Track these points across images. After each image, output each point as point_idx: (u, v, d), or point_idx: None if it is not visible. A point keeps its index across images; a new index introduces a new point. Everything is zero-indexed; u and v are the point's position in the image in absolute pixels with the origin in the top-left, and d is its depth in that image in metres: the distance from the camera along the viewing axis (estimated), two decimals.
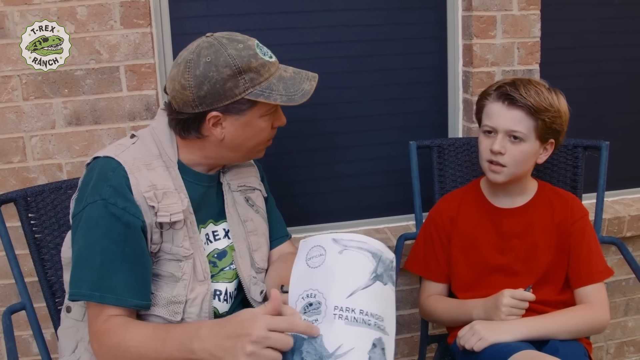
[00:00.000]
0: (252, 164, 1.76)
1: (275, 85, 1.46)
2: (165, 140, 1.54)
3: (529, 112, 1.71)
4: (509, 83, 1.76)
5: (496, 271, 1.85)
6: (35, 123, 2.02)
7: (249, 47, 1.45)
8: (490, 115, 1.78)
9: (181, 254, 1.48)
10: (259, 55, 1.45)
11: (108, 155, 1.47)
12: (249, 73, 1.43)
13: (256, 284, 1.64)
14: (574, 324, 1.74)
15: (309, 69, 1.58)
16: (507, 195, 1.88)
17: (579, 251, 1.82)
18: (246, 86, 1.43)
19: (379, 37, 2.34)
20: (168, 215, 1.45)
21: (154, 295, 1.47)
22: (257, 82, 1.44)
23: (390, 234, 2.41)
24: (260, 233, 1.69)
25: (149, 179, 1.46)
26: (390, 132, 2.42)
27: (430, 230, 1.96)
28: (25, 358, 2.19)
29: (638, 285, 2.69)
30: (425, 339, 2.15)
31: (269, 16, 2.23)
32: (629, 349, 2.80)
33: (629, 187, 2.73)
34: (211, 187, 1.61)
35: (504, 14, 2.29)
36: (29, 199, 1.76)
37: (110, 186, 1.42)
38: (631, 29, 2.58)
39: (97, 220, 1.40)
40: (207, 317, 1.52)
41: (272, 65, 1.48)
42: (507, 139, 1.75)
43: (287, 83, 1.49)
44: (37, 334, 1.76)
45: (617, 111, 2.64)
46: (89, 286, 1.39)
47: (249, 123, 1.49)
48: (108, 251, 1.40)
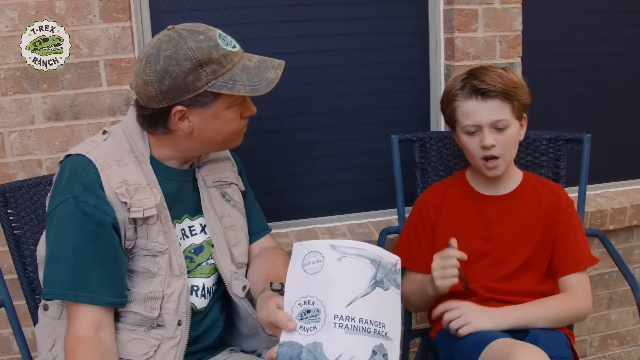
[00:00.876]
0: (228, 157, 1.75)
1: (238, 76, 1.44)
2: (136, 136, 1.53)
3: (504, 97, 1.73)
4: (469, 77, 1.77)
5: (482, 259, 1.85)
6: (14, 118, 2.00)
7: (210, 38, 1.43)
8: (468, 114, 1.77)
9: (156, 249, 1.47)
10: (220, 46, 1.43)
11: (79, 152, 1.47)
12: (210, 65, 1.41)
13: (237, 279, 1.63)
14: (557, 312, 1.75)
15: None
16: (495, 183, 1.89)
17: (566, 239, 1.84)
18: (208, 78, 1.41)
19: (361, 31, 2.33)
20: (141, 211, 1.44)
21: (131, 292, 1.46)
22: (219, 74, 1.42)
23: (373, 228, 2.40)
24: (239, 228, 1.68)
25: (121, 175, 1.45)
26: (373, 126, 2.42)
27: (415, 220, 1.96)
28: (6, 356, 2.17)
29: (621, 278, 2.69)
30: (409, 333, 2.15)
31: (249, 10, 2.22)
32: (613, 341, 2.82)
33: (611, 180, 2.75)
34: (185, 183, 1.60)
35: (486, 7, 2.29)
36: (8, 195, 1.74)
37: (81, 184, 1.41)
38: (612, 23, 2.59)
39: (69, 218, 1.40)
40: (184, 315, 1.51)
41: (234, 55, 1.46)
42: (492, 130, 1.75)
43: (251, 73, 1.46)
44: (17, 331, 1.74)
45: (599, 104, 2.66)
46: (62, 284, 1.39)
47: (215, 115, 1.47)
48: (80, 249, 1.40)
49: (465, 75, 1.79)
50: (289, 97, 2.30)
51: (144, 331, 1.48)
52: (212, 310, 1.64)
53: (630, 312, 2.80)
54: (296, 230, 2.40)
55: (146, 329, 1.48)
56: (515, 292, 1.79)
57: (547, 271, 1.86)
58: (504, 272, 1.82)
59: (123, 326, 1.48)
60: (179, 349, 1.50)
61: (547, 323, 1.73)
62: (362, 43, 2.34)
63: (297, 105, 2.32)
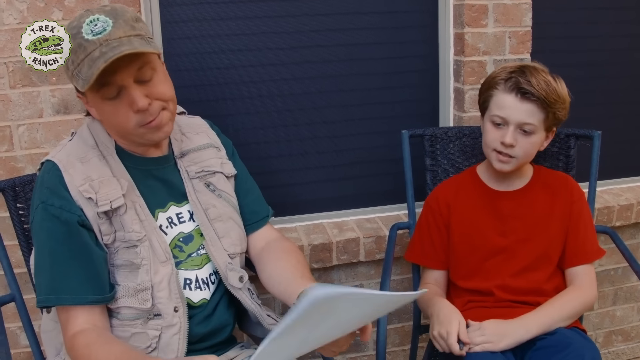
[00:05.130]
0: (211, 144, 1.70)
1: (84, 68, 1.34)
2: (99, 130, 1.52)
3: (542, 105, 1.72)
4: (518, 72, 1.75)
5: (497, 254, 1.85)
6: (22, 112, 1.98)
7: (78, 25, 1.36)
8: (502, 106, 1.76)
9: (134, 238, 1.46)
10: (81, 34, 1.35)
11: (47, 158, 1.49)
12: (71, 55, 1.37)
13: (232, 269, 1.61)
14: (572, 308, 1.77)
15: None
16: (507, 179, 1.89)
17: (576, 230, 1.85)
18: (71, 68, 1.39)
19: (371, 25, 2.32)
20: (108, 203, 1.44)
21: (120, 287, 1.46)
22: (75, 65, 1.37)
23: (381, 223, 2.40)
24: (226, 218, 1.64)
25: (84, 172, 1.45)
26: (381, 121, 2.41)
27: (427, 217, 1.96)
28: (13, 350, 2.16)
29: (626, 274, 2.71)
30: (417, 328, 2.16)
31: (257, 3, 2.20)
32: (617, 338, 2.82)
33: (618, 177, 2.74)
34: (161, 170, 1.58)
35: (496, 3, 2.28)
36: (17, 189, 1.73)
37: (47, 188, 1.43)
38: (622, 19, 2.58)
39: (41, 223, 1.42)
40: (179, 301, 1.50)
41: (90, 45, 1.33)
42: (517, 131, 1.75)
43: (92, 65, 1.33)
44: (26, 325, 1.74)
45: (607, 101, 2.65)
46: (45, 290, 1.41)
47: (96, 106, 1.44)
48: (55, 252, 1.41)
49: (515, 68, 1.76)
50: (297, 91, 2.30)
51: (142, 324, 1.47)
52: (219, 308, 1.62)
53: (635, 308, 2.81)
54: (304, 225, 2.39)
55: (144, 321, 1.47)
56: (530, 291, 1.79)
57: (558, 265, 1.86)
58: (519, 266, 1.83)
59: (121, 322, 1.48)
60: (181, 336, 1.49)
61: (564, 322, 1.74)
62: (372, 38, 2.33)
63: (305, 100, 2.32)
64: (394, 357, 2.56)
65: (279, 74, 2.26)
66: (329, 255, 2.28)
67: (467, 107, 2.32)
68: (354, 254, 2.31)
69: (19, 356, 2.17)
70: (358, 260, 2.33)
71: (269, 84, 2.26)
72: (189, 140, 1.66)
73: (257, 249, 1.72)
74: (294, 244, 1.74)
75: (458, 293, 1.89)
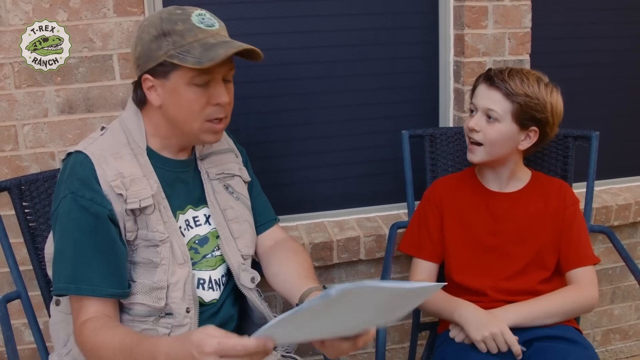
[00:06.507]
0: (231, 149, 1.76)
1: (195, 50, 1.43)
2: (133, 128, 1.55)
3: (506, 93, 1.77)
4: (500, 69, 1.83)
5: (488, 253, 1.88)
6: (27, 111, 2.01)
7: (185, 13, 1.46)
8: (475, 95, 1.85)
9: (157, 238, 1.48)
10: (190, 20, 1.45)
11: (77, 149, 1.50)
12: (172, 36, 1.43)
13: (245, 270, 1.65)
14: (560, 306, 1.79)
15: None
16: (497, 179, 1.92)
17: (570, 233, 1.87)
18: (168, 48, 1.43)
19: (371, 27, 2.34)
20: (137, 201, 1.46)
21: (136, 284, 1.48)
22: (178, 45, 1.43)
23: (382, 222, 2.42)
24: (242, 220, 1.69)
25: (116, 168, 1.47)
26: (382, 121, 2.43)
27: (424, 209, 1.99)
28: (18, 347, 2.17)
29: (624, 273, 2.73)
30: (417, 326, 2.17)
31: (261, 4, 2.22)
32: (615, 336, 2.84)
33: (616, 176, 2.76)
34: (184, 173, 1.61)
35: (495, 4, 2.30)
36: (23, 188, 1.75)
37: (78, 179, 1.44)
38: (622, 20, 2.60)
39: (68, 213, 1.43)
40: (192, 302, 1.52)
41: (201, 32, 1.44)
42: (483, 117, 1.81)
43: (208, 48, 1.43)
44: (32, 322, 1.76)
45: (605, 101, 2.67)
46: (64, 279, 1.43)
47: (174, 90, 1.47)
48: (80, 243, 1.42)
49: (503, 67, 1.84)
50: (298, 91, 2.32)
51: (153, 321, 1.50)
52: (225, 304, 1.65)
53: (633, 307, 2.83)
54: (305, 224, 2.41)
55: (155, 319, 1.50)
56: (524, 292, 1.81)
57: (557, 270, 1.88)
58: (512, 269, 1.85)
59: (132, 318, 1.50)
60: None
61: (550, 318, 1.76)
62: (372, 38, 2.35)
63: (306, 100, 2.34)
64: (393, 355, 2.58)
65: (279, 74, 2.29)
66: (329, 254, 2.30)
67: (467, 108, 2.34)
68: (354, 252, 2.33)
69: (23, 352, 2.19)
70: (358, 258, 2.35)
71: (269, 83, 2.28)
72: (209, 145, 1.69)
73: (265, 247, 1.76)
74: (302, 246, 1.79)
75: (454, 292, 1.90)
